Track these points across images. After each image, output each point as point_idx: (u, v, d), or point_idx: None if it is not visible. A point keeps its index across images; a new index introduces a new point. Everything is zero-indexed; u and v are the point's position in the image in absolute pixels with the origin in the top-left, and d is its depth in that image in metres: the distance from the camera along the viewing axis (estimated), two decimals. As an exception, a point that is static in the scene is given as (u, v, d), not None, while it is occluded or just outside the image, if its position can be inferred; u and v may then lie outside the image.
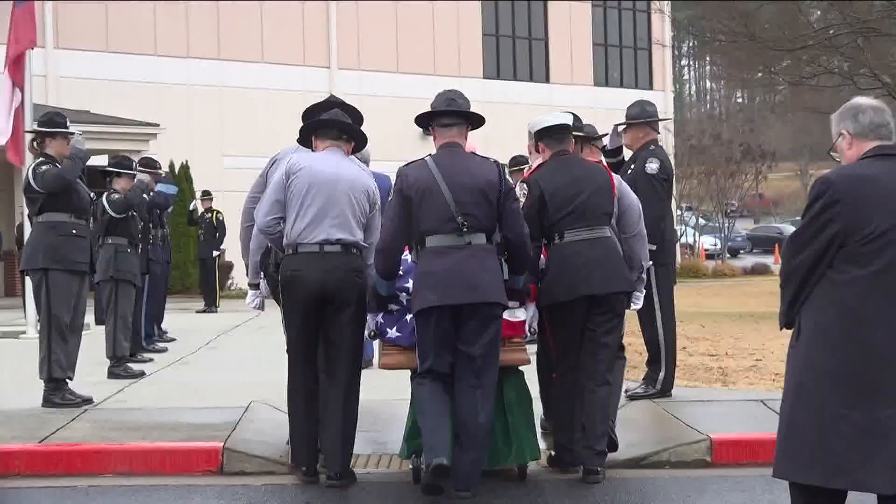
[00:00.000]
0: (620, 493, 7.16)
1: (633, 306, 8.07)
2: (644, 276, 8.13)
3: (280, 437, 8.42)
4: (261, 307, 8.09)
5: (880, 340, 4.81)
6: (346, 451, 7.29)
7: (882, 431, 4.73)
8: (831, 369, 4.84)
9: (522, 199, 7.53)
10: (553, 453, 7.71)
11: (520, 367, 7.55)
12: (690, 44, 77.06)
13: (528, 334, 7.51)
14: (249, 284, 8.00)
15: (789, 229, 41.36)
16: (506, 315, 7.16)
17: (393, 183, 7.79)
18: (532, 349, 7.91)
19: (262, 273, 7.78)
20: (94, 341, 11.62)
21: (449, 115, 7.19)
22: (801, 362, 4.96)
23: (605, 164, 9.68)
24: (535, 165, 7.95)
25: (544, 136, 7.70)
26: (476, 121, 7.31)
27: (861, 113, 5.07)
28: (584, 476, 7.34)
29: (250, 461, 7.83)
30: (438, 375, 6.90)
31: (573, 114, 8.05)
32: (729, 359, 12.46)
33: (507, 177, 7.43)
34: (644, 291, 8.22)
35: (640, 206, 7.98)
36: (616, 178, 7.93)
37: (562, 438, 7.56)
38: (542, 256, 7.55)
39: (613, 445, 7.54)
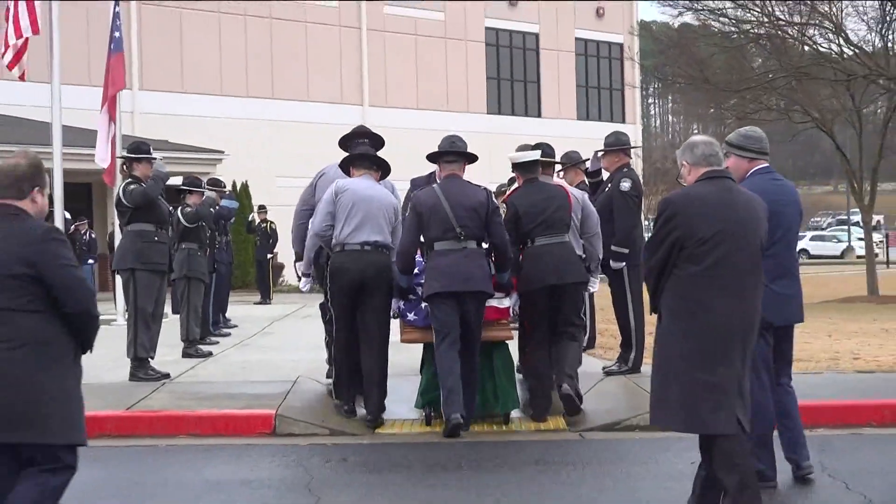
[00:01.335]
0: (599, 452, 7.17)
1: (590, 289, 8.67)
2: (599, 266, 8.64)
3: (322, 405, 8.44)
4: (310, 290, 8.69)
5: (716, 319, 5.12)
6: (382, 391, 7.95)
7: (723, 388, 5.09)
8: (683, 343, 5.18)
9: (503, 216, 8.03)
10: (530, 403, 8.27)
11: (505, 341, 8.22)
12: (655, 86, 76.82)
13: (511, 315, 8.14)
14: (303, 273, 8.53)
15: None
16: (494, 303, 7.87)
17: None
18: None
19: (313, 266, 8.34)
20: (171, 328, 11.65)
21: (451, 154, 7.87)
22: (663, 340, 5.31)
23: (587, 182, 9.77)
24: (511, 190, 8.45)
25: (518, 168, 8.21)
26: (471, 158, 7.97)
27: (696, 147, 5.38)
28: (565, 404, 7.86)
29: (298, 425, 7.85)
30: (452, 340, 7.56)
31: (543, 147, 8.45)
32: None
33: (494, 199, 7.88)
34: (599, 278, 8.76)
35: (598, 215, 8.48)
36: (580, 195, 8.50)
37: (537, 391, 8.14)
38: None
39: (580, 399, 7.94)
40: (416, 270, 7.88)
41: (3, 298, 4.28)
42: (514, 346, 8.48)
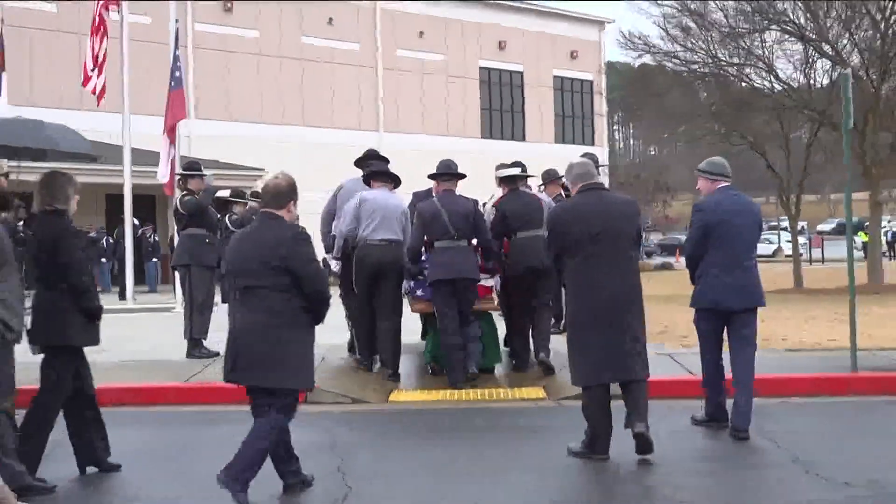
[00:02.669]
0: (572, 416, 7.08)
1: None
2: None
3: (345, 378, 8.42)
4: (337, 269, 9.04)
5: (599, 296, 5.65)
6: (397, 348, 8.48)
7: (610, 348, 5.62)
8: (577, 316, 5.80)
9: (492, 216, 8.61)
10: (512, 355, 8.94)
11: (490, 312, 8.81)
12: (620, 114, 76.90)
13: (495, 292, 8.75)
14: (334, 257, 8.93)
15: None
16: (482, 282, 8.46)
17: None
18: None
19: (339, 257, 8.74)
20: (220, 314, 11.60)
21: (447, 174, 8.36)
22: (567, 316, 6.00)
23: (563, 195, 9.79)
24: (498, 196, 8.94)
25: (504, 181, 8.78)
26: (461, 177, 8.43)
27: (572, 168, 6.01)
28: (539, 364, 8.47)
29: (325, 395, 7.85)
30: (452, 316, 8.08)
31: (521, 164, 9.01)
32: (646, 325, 12.37)
33: (480, 208, 8.47)
34: None
35: None
36: (548, 200, 9.03)
37: (519, 349, 8.76)
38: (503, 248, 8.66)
39: (552, 370, 8.36)
40: (422, 258, 8.40)
41: (263, 281, 4.81)
42: (500, 325, 8.65)
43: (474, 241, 8.33)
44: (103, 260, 23.73)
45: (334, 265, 9.01)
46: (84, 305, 5.37)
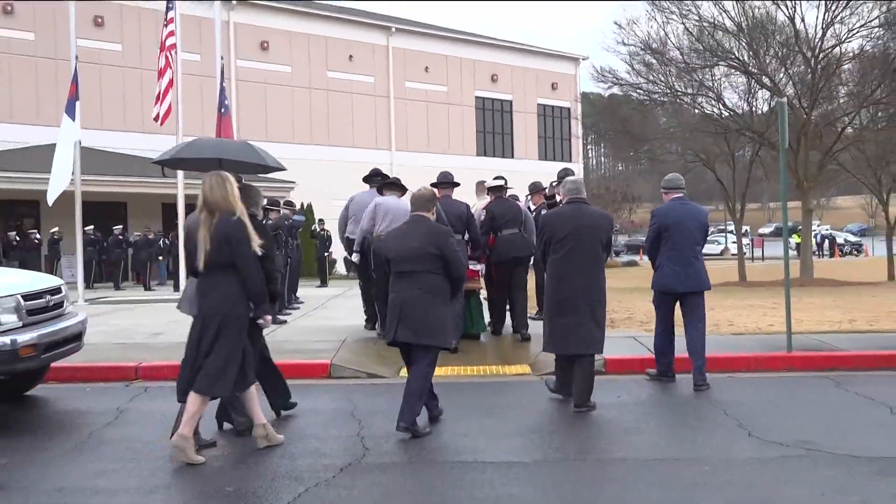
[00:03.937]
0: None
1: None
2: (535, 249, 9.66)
3: (363, 356, 8.41)
4: (357, 260, 9.30)
5: (569, 286, 6.04)
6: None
7: (569, 329, 6.03)
8: (550, 300, 6.14)
9: (483, 217, 9.05)
10: (491, 322, 9.44)
11: (477, 291, 9.09)
12: (592, 136, 76.73)
13: (480, 275, 9.12)
14: (354, 250, 9.22)
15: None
16: (471, 267, 8.73)
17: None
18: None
19: (359, 251, 9.05)
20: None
21: (445, 183, 8.69)
22: (544, 300, 6.29)
23: (547, 204, 9.83)
24: (486, 203, 9.38)
25: (490, 190, 9.28)
26: (456, 185, 8.72)
27: (566, 184, 6.33)
28: (521, 340, 8.91)
29: (346, 371, 7.85)
30: None
31: (503, 177, 9.41)
32: (614, 313, 12.35)
33: (472, 211, 8.75)
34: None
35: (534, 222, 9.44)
36: (524, 206, 9.60)
37: (497, 317, 9.30)
38: (489, 243, 9.08)
39: (528, 339, 8.89)
40: None
41: (420, 265, 5.41)
42: (487, 310, 8.61)
43: (466, 236, 8.69)
44: (160, 258, 23.72)
45: (355, 258, 9.16)
46: (273, 288, 5.63)
